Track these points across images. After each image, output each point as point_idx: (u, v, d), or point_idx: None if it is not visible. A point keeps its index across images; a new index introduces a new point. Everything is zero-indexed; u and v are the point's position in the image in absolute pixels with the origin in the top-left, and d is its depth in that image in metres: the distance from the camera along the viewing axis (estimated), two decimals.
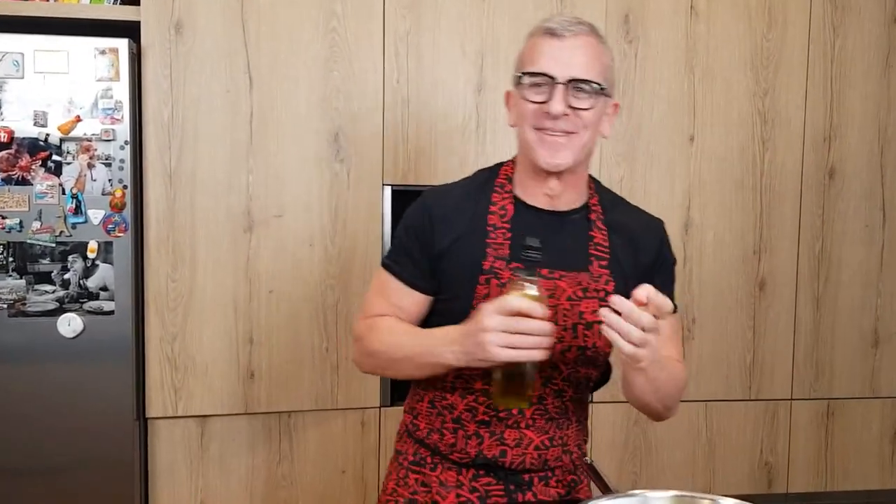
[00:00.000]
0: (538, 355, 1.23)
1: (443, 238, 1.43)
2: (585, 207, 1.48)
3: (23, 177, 2.35)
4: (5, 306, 2.37)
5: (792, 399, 3.04)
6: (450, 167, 2.72)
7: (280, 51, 2.58)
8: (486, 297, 1.36)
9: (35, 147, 2.35)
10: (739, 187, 2.91)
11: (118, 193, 2.40)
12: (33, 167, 2.34)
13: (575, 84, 1.35)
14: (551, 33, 1.36)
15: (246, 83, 2.56)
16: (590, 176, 1.52)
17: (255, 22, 2.55)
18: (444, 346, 1.32)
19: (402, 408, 1.60)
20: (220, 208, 2.57)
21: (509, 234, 1.41)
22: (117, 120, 2.38)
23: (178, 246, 2.54)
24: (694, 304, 2.91)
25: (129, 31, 2.48)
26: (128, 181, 2.41)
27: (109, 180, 2.40)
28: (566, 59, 1.35)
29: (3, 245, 2.36)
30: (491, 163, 2.68)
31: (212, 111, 2.54)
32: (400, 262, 1.48)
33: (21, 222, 2.36)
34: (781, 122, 2.91)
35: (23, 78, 2.33)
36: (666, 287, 1.43)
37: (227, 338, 2.60)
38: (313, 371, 2.66)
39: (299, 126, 2.60)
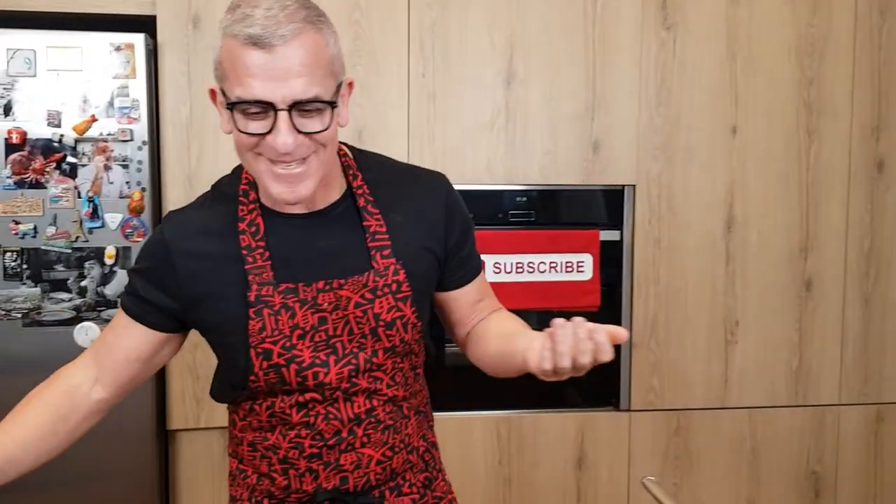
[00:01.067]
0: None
1: (193, 281, 1.24)
2: (347, 195, 1.29)
3: (36, 180, 2.29)
4: (20, 315, 2.32)
5: (840, 405, 2.92)
6: (478, 165, 2.63)
7: None
8: (262, 330, 1.21)
9: (49, 148, 2.29)
10: (784, 182, 2.80)
11: (136, 196, 2.34)
12: (47, 170, 2.29)
13: (300, 107, 1.11)
14: (256, 43, 1.08)
15: None
16: (348, 147, 1.35)
17: None
18: None
19: None
20: None
21: (267, 254, 1.23)
22: (134, 119, 2.32)
23: None
24: (737, 306, 2.80)
25: (145, 25, 2.42)
26: (146, 183, 2.36)
27: (127, 183, 2.34)
28: (282, 76, 1.08)
29: (17, 252, 2.31)
30: (522, 161, 2.63)
31: None
32: (135, 295, 1.29)
33: (35, 228, 2.31)
34: (827, 112, 2.80)
35: (35, 76, 2.27)
36: (472, 248, 1.40)
37: None
38: None
39: None
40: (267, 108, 1.10)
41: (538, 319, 2.85)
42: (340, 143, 1.30)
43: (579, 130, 2.66)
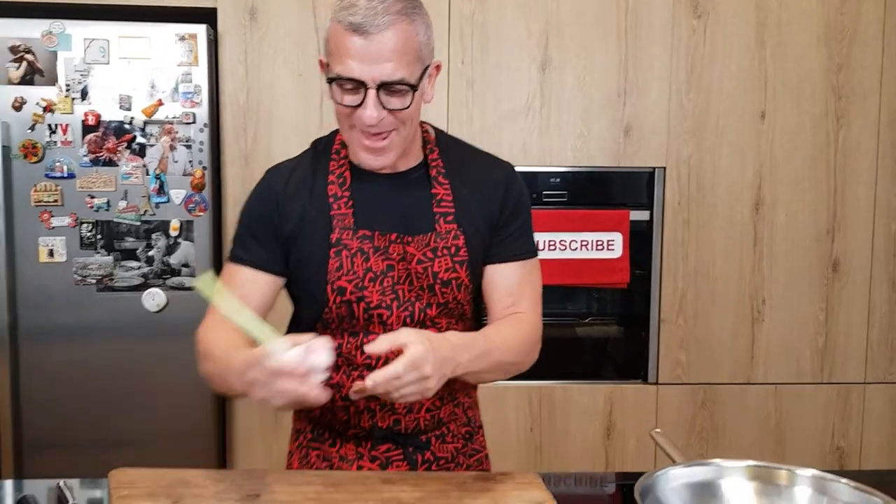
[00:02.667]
0: (314, 401, 1.18)
1: (289, 218, 1.42)
2: (423, 164, 1.48)
3: (110, 158, 2.53)
4: (94, 282, 2.57)
5: (866, 383, 3.02)
6: (513, 147, 2.80)
7: None
8: (339, 268, 1.39)
9: (121, 130, 2.54)
10: (812, 165, 2.91)
11: (198, 174, 2.57)
12: (119, 149, 2.53)
13: (387, 87, 1.30)
14: (356, 29, 1.27)
15: (317, 67, 2.68)
16: (431, 127, 1.52)
17: (325, 7, 2.68)
18: (233, 376, 1.29)
19: None
20: None
21: (351, 202, 1.42)
22: (196, 103, 2.55)
23: None
24: (764, 285, 2.93)
25: (207, 17, 2.64)
26: (207, 162, 2.58)
27: (189, 161, 2.57)
28: (374, 60, 1.28)
29: (92, 223, 2.55)
30: (555, 144, 2.80)
31: (285, 95, 2.69)
32: (244, 245, 1.46)
33: (108, 202, 2.55)
34: (856, 97, 2.90)
35: (108, 63, 2.52)
36: (524, 232, 1.50)
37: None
38: None
39: None
40: (360, 85, 1.30)
41: (570, 295, 3.05)
42: (424, 122, 1.50)
43: (611, 114, 2.82)
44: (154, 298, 2.57)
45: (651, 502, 1.24)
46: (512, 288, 1.48)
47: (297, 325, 1.52)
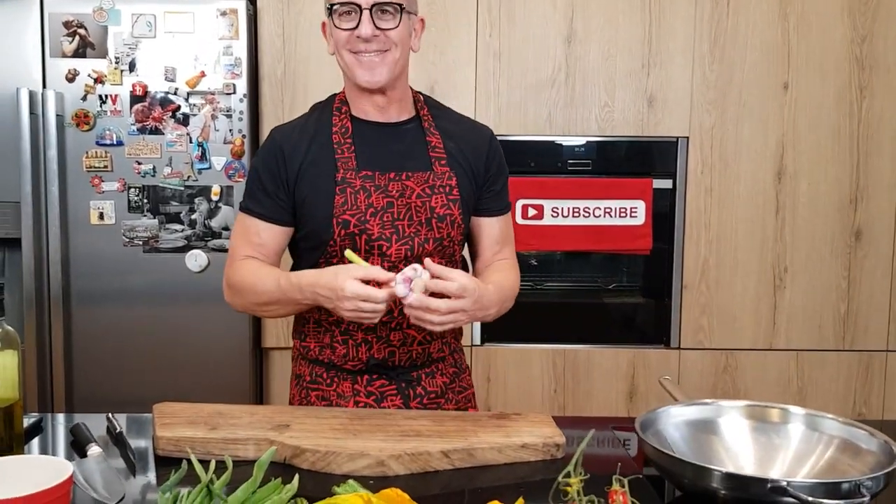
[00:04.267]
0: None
1: (294, 165, 1.57)
2: (416, 118, 1.65)
3: (155, 127, 2.65)
4: (140, 243, 2.68)
5: (888, 350, 3.02)
6: (539, 118, 2.87)
7: None
8: (344, 204, 1.54)
9: (166, 100, 2.65)
10: (835, 135, 2.92)
11: (238, 142, 2.67)
12: (164, 118, 2.64)
13: (379, 7, 1.49)
14: None
15: None
16: (418, 92, 1.69)
17: None
18: (313, 290, 1.45)
19: None
20: None
21: (353, 147, 1.58)
22: (237, 75, 2.65)
23: None
24: (787, 253, 2.95)
25: None
26: (246, 131, 2.68)
27: (230, 130, 2.67)
28: None
29: (139, 188, 2.67)
30: (580, 114, 2.85)
31: (320, 68, 2.78)
32: (255, 199, 1.60)
33: (154, 168, 2.66)
34: (880, 68, 2.90)
35: (155, 37, 2.63)
36: (504, 190, 1.70)
37: None
38: None
39: None
40: (355, 8, 1.50)
41: (595, 262, 3.10)
42: (415, 90, 1.67)
43: (635, 85, 2.86)
44: (196, 259, 2.68)
45: (651, 435, 1.31)
46: (498, 237, 1.70)
47: (299, 266, 1.66)
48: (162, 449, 1.36)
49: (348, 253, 1.46)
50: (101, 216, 2.66)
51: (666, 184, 2.91)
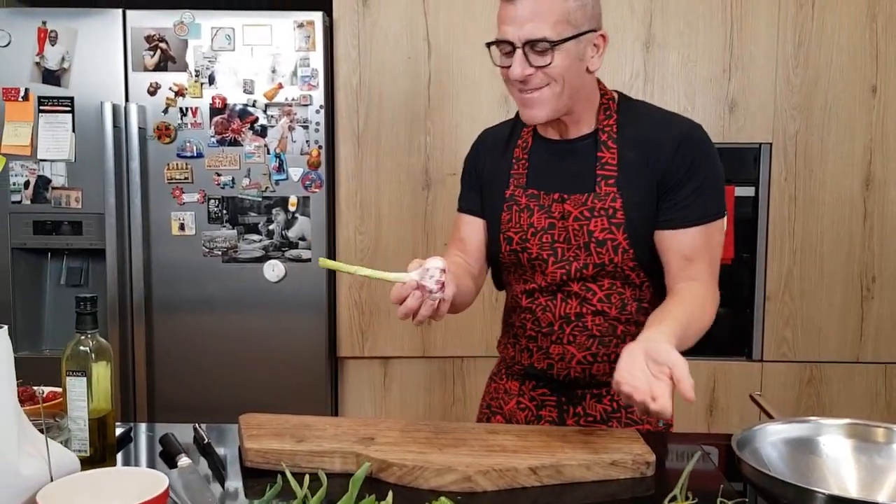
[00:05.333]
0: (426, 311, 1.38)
1: (483, 169, 1.64)
2: (595, 132, 1.54)
3: (234, 139, 2.68)
4: (220, 253, 2.72)
5: None
6: None
7: (456, 18, 2.78)
8: (509, 220, 1.57)
9: (244, 112, 2.68)
10: None
11: (314, 153, 2.69)
12: (243, 130, 2.67)
13: (531, 45, 1.41)
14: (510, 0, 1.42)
15: (425, 49, 2.79)
16: (618, 94, 1.58)
17: None
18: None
19: None
20: (402, 168, 2.82)
21: (527, 165, 1.59)
22: (313, 87, 2.67)
23: (365, 202, 2.82)
24: (874, 262, 2.85)
25: (323, 4, 2.77)
26: (322, 142, 2.70)
27: (307, 141, 2.69)
28: (519, 21, 1.41)
29: (219, 199, 2.70)
30: None
31: (395, 77, 2.79)
32: (463, 195, 1.70)
33: (233, 179, 2.70)
34: None
35: (234, 50, 2.67)
36: (699, 196, 1.47)
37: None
38: (483, 320, 2.85)
39: (473, 89, 2.80)
40: (511, 46, 1.44)
41: None
42: (613, 90, 1.58)
43: (716, 91, 2.80)
44: (274, 269, 2.71)
45: (748, 454, 1.26)
46: (685, 254, 1.49)
47: (497, 279, 1.73)
48: (250, 461, 1.36)
49: (321, 261, 1.39)
50: (182, 227, 2.70)
51: (748, 191, 2.83)
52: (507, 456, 1.35)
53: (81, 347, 1.31)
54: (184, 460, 1.35)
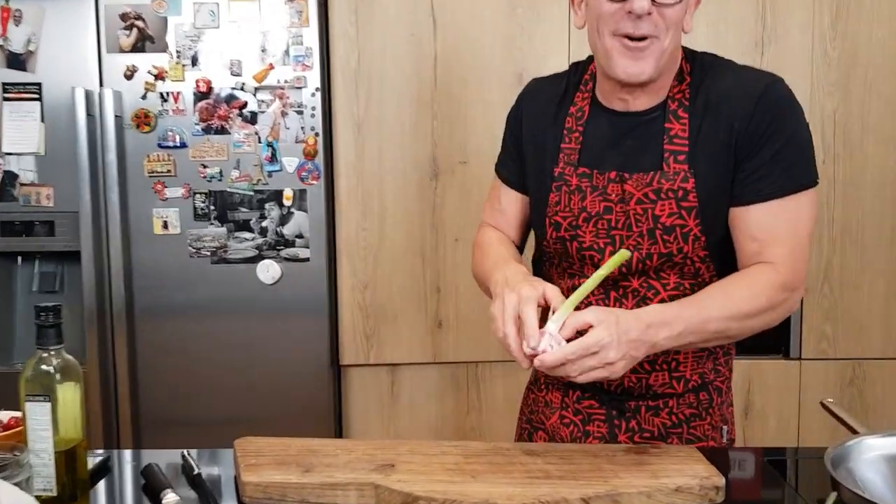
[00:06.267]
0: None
1: (529, 135, 1.46)
2: (664, 101, 1.35)
3: (221, 126, 2.52)
4: (208, 254, 2.56)
5: None
6: None
7: None
8: (557, 203, 1.39)
9: (231, 97, 2.51)
10: None
11: (311, 141, 2.52)
12: (230, 116, 2.51)
13: None
14: None
15: (430, 26, 2.61)
16: (686, 51, 1.39)
17: None
18: (492, 289, 1.32)
19: None
20: (407, 156, 2.65)
21: (581, 139, 1.40)
22: (308, 67, 2.50)
23: (367, 195, 2.65)
24: None
25: None
26: (319, 129, 2.53)
27: (302, 128, 2.52)
28: None
29: (205, 194, 2.54)
30: None
31: (397, 56, 2.61)
32: (502, 160, 1.54)
33: (221, 171, 2.54)
34: None
35: (218, 27, 2.50)
36: (779, 163, 1.28)
37: (415, 287, 2.68)
38: None
39: (484, 69, 2.63)
40: None
41: None
42: (684, 47, 1.39)
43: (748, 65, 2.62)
44: (269, 270, 2.55)
45: (844, 474, 1.10)
46: (757, 233, 1.30)
47: (538, 271, 1.54)
48: (249, 497, 1.19)
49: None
50: (166, 225, 2.55)
51: None
52: (553, 484, 1.19)
53: (44, 367, 1.14)
54: (170, 497, 1.18)
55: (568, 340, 1.17)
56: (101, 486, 1.30)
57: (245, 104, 2.51)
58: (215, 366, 2.60)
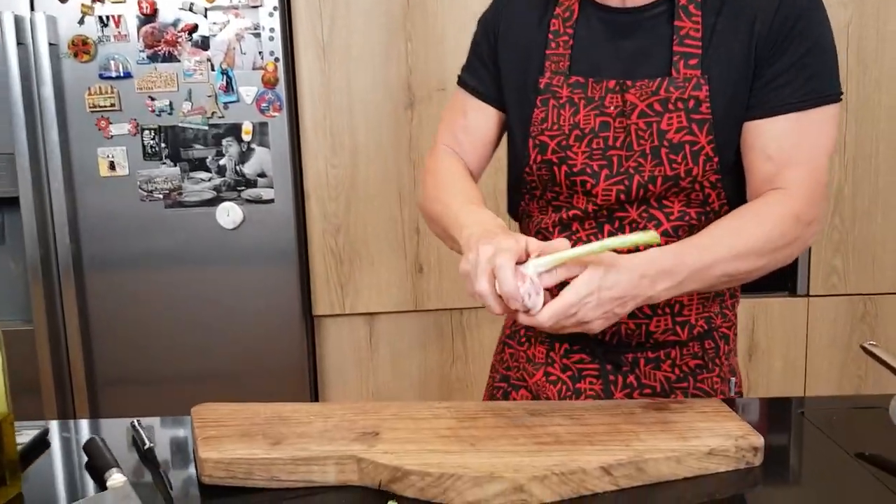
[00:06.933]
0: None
1: (506, 39, 1.30)
2: None
3: (169, 53, 2.35)
4: (161, 197, 2.42)
5: None
6: None
7: None
8: (544, 121, 1.23)
9: (180, 19, 2.34)
10: None
11: (270, 67, 2.37)
12: (179, 41, 2.34)
13: None
14: None
15: None
16: None
17: None
18: (462, 241, 1.13)
19: None
20: (378, 84, 2.49)
21: (571, 42, 1.24)
22: None
23: (336, 127, 2.49)
24: None
25: None
26: (279, 53, 2.37)
27: (259, 53, 2.36)
28: None
29: (155, 130, 2.39)
30: None
31: None
32: (472, 67, 1.36)
33: (171, 104, 2.38)
34: None
35: None
36: (802, 70, 1.14)
37: (392, 228, 2.54)
38: None
39: None
40: None
41: None
42: None
43: None
44: (229, 214, 2.42)
45: None
46: (774, 151, 1.16)
47: (513, 201, 1.37)
48: (209, 475, 1.03)
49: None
50: (112, 166, 2.40)
51: None
52: (566, 451, 1.05)
53: None
54: (115, 477, 1.03)
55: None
56: (37, 466, 1.15)
57: (195, 27, 2.34)
58: (175, 321, 2.50)
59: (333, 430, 1.11)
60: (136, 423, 1.21)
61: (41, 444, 1.20)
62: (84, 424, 1.32)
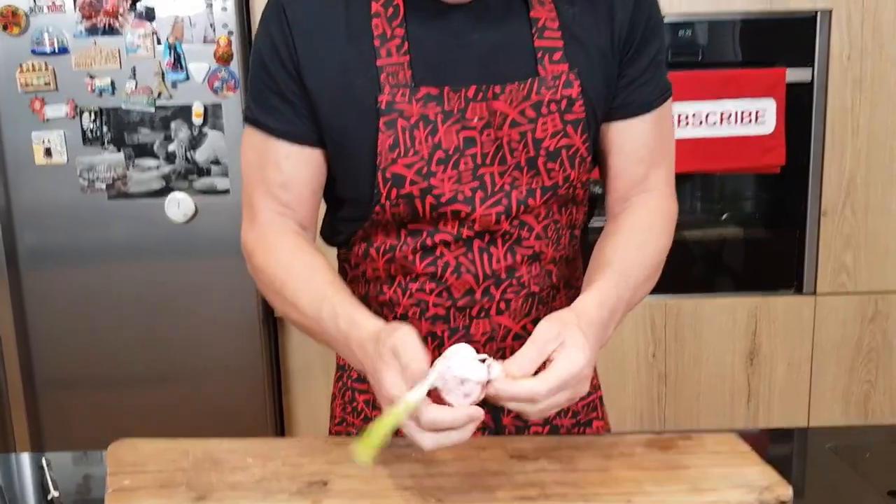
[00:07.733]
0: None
1: (310, 66, 1.08)
2: None
3: (110, 25, 2.27)
4: (104, 186, 2.36)
5: None
6: None
7: None
8: (394, 147, 1.05)
9: None
10: None
11: (223, 42, 2.28)
12: (121, 12, 2.26)
13: None
14: None
15: None
16: None
17: None
18: (349, 350, 1.01)
19: None
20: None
21: (406, 46, 1.06)
22: None
23: None
24: None
25: None
26: (233, 26, 2.28)
27: (211, 25, 2.28)
28: None
29: (95, 112, 2.32)
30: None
31: None
32: (268, 107, 1.12)
33: (113, 83, 2.31)
34: None
35: None
36: (658, 66, 1.15)
37: None
38: None
39: None
40: None
41: (703, 184, 2.72)
42: None
43: None
44: (179, 206, 2.34)
45: None
46: (645, 153, 1.16)
47: (335, 228, 1.21)
48: None
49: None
50: (49, 152, 2.34)
51: (802, 75, 2.45)
52: None
53: None
54: None
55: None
56: None
57: None
58: (121, 321, 2.46)
59: (272, 478, 0.98)
60: (44, 462, 1.08)
61: None
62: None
